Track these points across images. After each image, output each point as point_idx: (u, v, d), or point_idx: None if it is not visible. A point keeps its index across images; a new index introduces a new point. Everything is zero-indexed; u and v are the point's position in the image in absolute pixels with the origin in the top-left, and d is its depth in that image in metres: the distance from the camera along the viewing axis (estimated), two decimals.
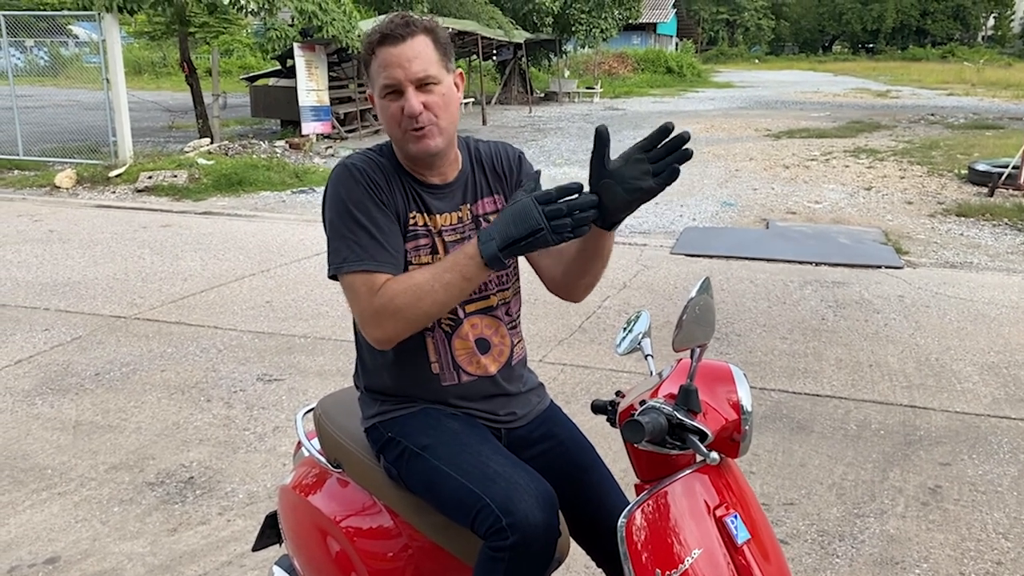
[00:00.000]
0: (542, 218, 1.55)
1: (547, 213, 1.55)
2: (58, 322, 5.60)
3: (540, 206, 1.56)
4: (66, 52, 21.86)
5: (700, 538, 1.55)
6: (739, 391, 1.64)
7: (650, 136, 1.65)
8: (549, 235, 1.56)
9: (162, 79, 33.35)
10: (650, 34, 49.38)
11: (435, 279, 1.69)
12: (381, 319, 1.73)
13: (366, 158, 1.87)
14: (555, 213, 1.55)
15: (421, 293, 1.70)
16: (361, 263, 1.76)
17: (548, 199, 1.56)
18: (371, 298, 1.74)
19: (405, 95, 1.78)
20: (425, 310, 1.72)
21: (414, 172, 1.90)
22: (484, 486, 1.70)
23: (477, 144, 2.03)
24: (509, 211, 1.60)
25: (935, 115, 21.60)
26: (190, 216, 9.42)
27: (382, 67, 1.78)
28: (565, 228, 1.55)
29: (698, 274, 6.80)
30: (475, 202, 1.95)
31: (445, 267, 1.70)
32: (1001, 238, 8.38)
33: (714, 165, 13.25)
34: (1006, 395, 4.50)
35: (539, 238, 1.57)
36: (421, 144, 1.81)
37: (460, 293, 1.72)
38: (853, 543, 3.14)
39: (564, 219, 1.55)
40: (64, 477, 3.59)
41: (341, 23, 14.53)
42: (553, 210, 1.55)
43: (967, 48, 66.06)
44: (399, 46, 1.77)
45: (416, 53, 1.77)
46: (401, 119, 1.79)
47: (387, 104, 1.80)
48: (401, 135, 1.82)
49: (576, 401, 4.30)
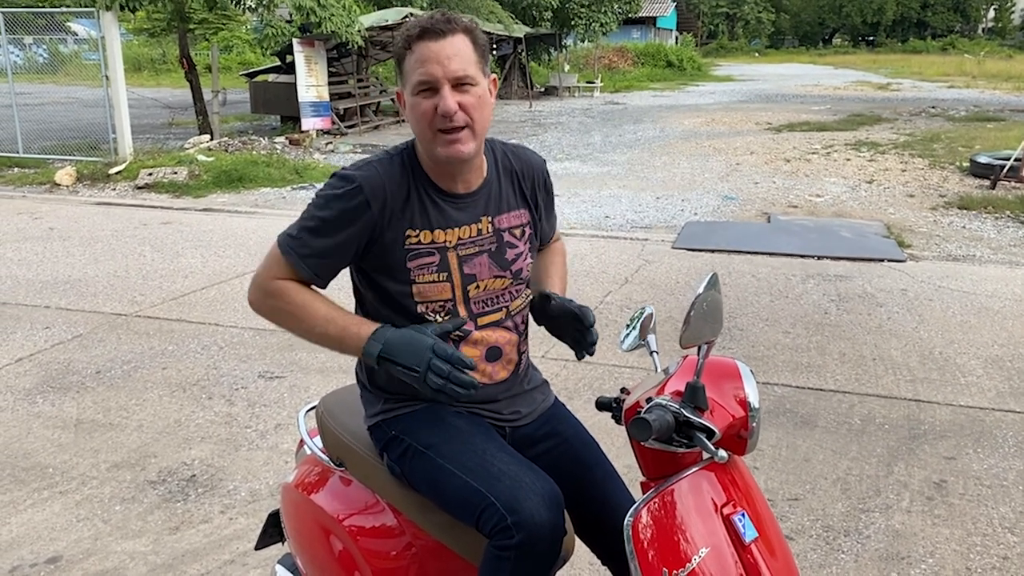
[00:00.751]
0: (425, 365, 1.67)
1: (431, 365, 1.67)
2: (59, 320, 5.58)
3: (433, 355, 1.67)
4: (65, 49, 21.83)
5: (707, 536, 1.54)
6: (746, 388, 1.62)
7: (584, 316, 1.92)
8: (420, 382, 1.68)
9: (162, 76, 33.29)
10: (650, 28, 49.32)
11: (320, 324, 1.80)
12: (260, 295, 1.85)
13: (374, 172, 1.79)
14: (437, 370, 1.67)
15: (302, 320, 1.81)
16: (291, 249, 1.80)
17: (444, 355, 1.68)
18: (271, 278, 1.83)
19: (441, 93, 1.72)
20: (292, 328, 1.85)
21: (436, 179, 1.83)
22: (489, 484, 1.68)
23: (504, 150, 1.97)
24: (410, 336, 1.72)
25: (936, 108, 21.55)
26: (190, 213, 9.40)
27: (419, 62, 1.72)
28: (437, 386, 1.67)
29: (700, 269, 6.79)
30: (498, 215, 1.89)
31: (337, 322, 1.79)
32: (1003, 231, 8.36)
33: (715, 159, 13.23)
34: (1010, 388, 4.48)
35: (412, 376, 1.69)
36: (452, 149, 1.75)
37: (328, 347, 1.84)
38: (858, 538, 3.13)
39: (439, 380, 1.67)
40: (65, 476, 3.57)
41: (340, 18, 14.49)
42: (437, 367, 1.67)
43: (967, 40, 65.93)
44: (439, 42, 1.71)
45: (456, 51, 1.72)
46: (433, 118, 1.73)
47: (420, 101, 1.74)
48: (432, 136, 1.75)
49: (579, 397, 4.28)
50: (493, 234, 1.88)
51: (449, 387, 1.66)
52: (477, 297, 1.87)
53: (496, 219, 1.89)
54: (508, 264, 1.89)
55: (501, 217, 1.90)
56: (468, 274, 1.85)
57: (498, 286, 1.89)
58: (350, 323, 1.78)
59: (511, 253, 1.90)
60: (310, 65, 16.03)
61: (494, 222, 1.88)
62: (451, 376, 1.66)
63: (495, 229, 1.88)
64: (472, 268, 1.85)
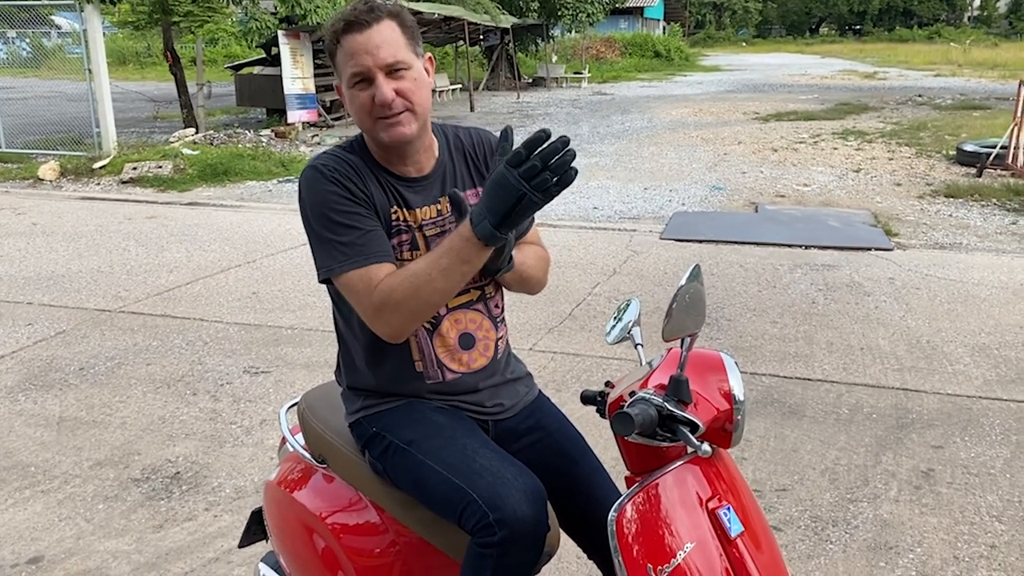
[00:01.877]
0: (520, 182, 1.46)
1: (523, 174, 1.45)
2: (41, 316, 5.52)
3: (514, 170, 1.46)
4: (48, 43, 21.64)
5: (692, 531, 1.52)
6: (731, 380, 1.60)
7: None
8: (533, 196, 1.46)
9: (147, 69, 33.04)
10: (637, 18, 49.22)
11: (432, 266, 1.63)
12: (383, 314, 1.68)
13: (335, 157, 1.81)
14: (530, 172, 1.45)
15: (419, 283, 1.64)
16: (351, 261, 1.71)
17: (519, 160, 1.45)
18: (369, 295, 1.69)
19: (375, 83, 1.72)
20: (426, 299, 1.66)
21: (389, 166, 1.84)
22: (471, 481, 1.66)
23: (456, 131, 1.97)
24: (490, 185, 1.52)
25: (922, 96, 21.60)
26: (175, 207, 9.33)
27: (349, 56, 1.72)
28: (546, 183, 1.45)
29: (688, 259, 6.77)
30: None
31: (441, 252, 1.63)
32: (990, 218, 8.38)
33: (703, 149, 13.21)
34: (997, 376, 4.49)
35: (527, 203, 1.48)
36: (394, 131, 1.75)
37: (461, 278, 1.65)
38: (846, 528, 3.12)
39: (543, 175, 1.44)
40: (47, 474, 3.53)
41: (325, 10, 14.40)
42: (527, 169, 1.45)
43: (953, 29, 66.23)
44: (365, 32, 1.70)
45: (383, 39, 1.71)
46: (372, 108, 1.73)
47: (356, 94, 1.74)
48: (372, 124, 1.75)
49: (567, 389, 4.27)
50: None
51: (555, 163, 1.44)
52: None
53: None
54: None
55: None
56: None
57: None
58: (451, 240, 1.61)
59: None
60: (296, 57, 15.92)
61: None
62: (544, 160, 1.44)
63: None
64: None
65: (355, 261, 1.70)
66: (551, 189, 1.46)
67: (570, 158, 1.45)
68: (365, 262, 1.70)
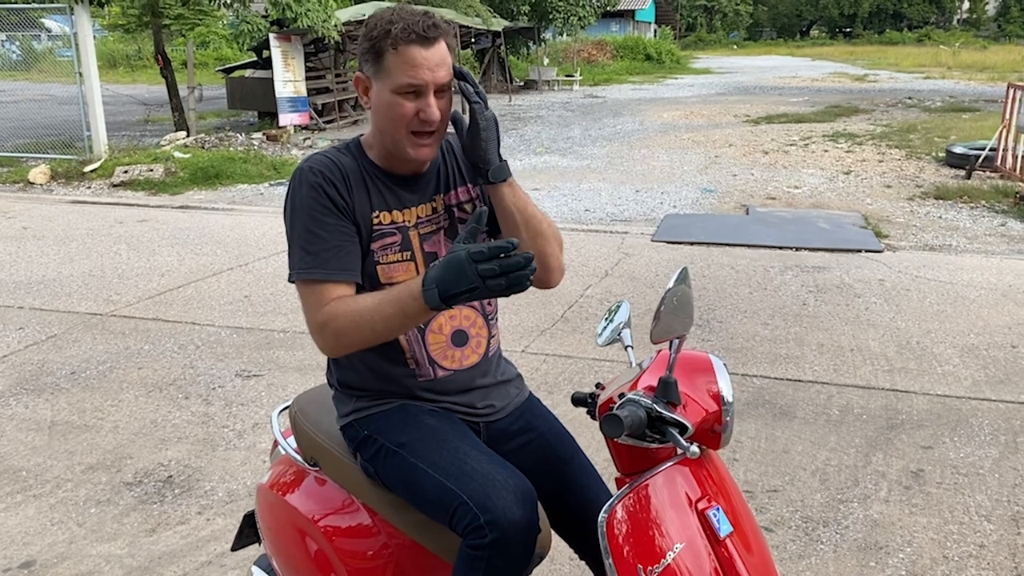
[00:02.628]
0: (476, 277, 1.50)
1: (481, 272, 1.50)
2: (32, 320, 5.51)
3: (474, 264, 1.51)
4: (38, 46, 21.56)
5: (682, 532, 1.53)
6: (719, 382, 1.62)
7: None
8: (484, 292, 1.52)
9: (137, 72, 32.95)
10: (628, 21, 49.32)
11: (376, 311, 1.67)
12: (324, 333, 1.74)
13: (327, 160, 1.82)
14: (488, 272, 1.49)
15: (361, 321, 1.69)
16: (310, 271, 1.75)
17: (481, 257, 1.50)
18: (317, 310, 1.74)
19: (426, 99, 1.74)
20: (365, 336, 1.71)
21: (385, 167, 1.86)
22: (462, 483, 1.67)
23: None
24: (447, 261, 1.56)
25: (912, 98, 21.71)
26: (167, 210, 9.32)
27: (409, 65, 1.71)
28: (499, 287, 1.50)
29: (679, 261, 6.80)
30: (447, 192, 1.93)
31: (389, 299, 1.66)
32: (979, 220, 8.43)
33: (694, 152, 13.25)
34: (986, 377, 4.52)
35: (477, 293, 1.53)
36: (421, 151, 1.79)
37: (400, 328, 1.70)
38: (837, 529, 3.14)
39: (498, 279, 1.50)
40: (39, 479, 3.53)
41: (316, 13, 14.38)
42: (487, 269, 1.49)
43: (943, 31, 66.51)
44: (429, 49, 1.72)
45: (442, 58, 1.74)
46: (411, 120, 1.75)
47: (401, 102, 1.74)
48: (405, 135, 1.77)
49: (559, 391, 4.28)
50: (445, 211, 1.91)
51: (513, 275, 1.49)
52: None
53: (446, 196, 1.92)
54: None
55: (451, 194, 1.93)
56: (429, 252, 1.87)
57: None
58: (399, 292, 1.65)
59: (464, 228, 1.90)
60: (287, 60, 15.91)
61: (445, 199, 1.92)
62: (502, 267, 1.49)
63: (447, 206, 1.92)
64: (432, 246, 1.88)
65: (313, 272, 1.74)
66: (501, 292, 1.52)
67: (528, 274, 1.51)
68: (324, 276, 1.74)
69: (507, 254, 1.50)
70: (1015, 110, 10.27)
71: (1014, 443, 3.79)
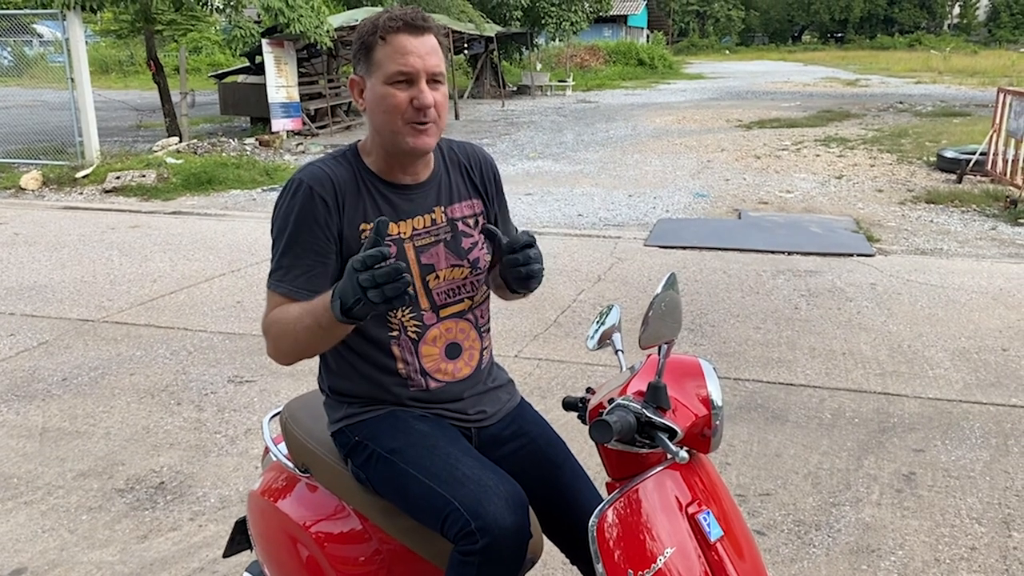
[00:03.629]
0: (357, 288, 1.50)
1: (360, 282, 1.49)
2: (24, 327, 5.49)
3: (355, 273, 1.50)
4: (30, 51, 21.49)
5: (673, 536, 1.54)
6: (708, 386, 1.62)
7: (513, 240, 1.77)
8: (370, 305, 1.50)
9: (130, 78, 32.87)
10: (621, 26, 49.45)
11: (298, 321, 1.69)
12: (266, 339, 1.79)
13: (322, 173, 1.80)
14: (367, 283, 1.48)
15: (286, 330, 1.72)
16: (277, 284, 1.78)
17: (359, 266, 1.49)
18: (265, 317, 1.78)
19: (419, 86, 1.74)
20: (291, 347, 1.73)
21: (384, 175, 1.85)
22: (453, 489, 1.67)
23: (449, 144, 1.99)
24: (344, 274, 1.56)
25: (903, 103, 21.79)
26: (159, 216, 9.30)
27: (398, 53, 1.73)
28: (381, 297, 1.48)
29: (672, 266, 6.81)
30: (450, 205, 1.91)
31: (308, 311, 1.67)
32: (970, 224, 8.46)
33: (686, 156, 13.29)
34: (977, 380, 4.53)
35: (365, 306, 1.51)
36: (420, 139, 1.78)
37: (320, 340, 1.70)
38: (829, 532, 3.15)
39: (376, 289, 1.48)
40: (31, 486, 3.51)
41: (309, 19, 14.37)
42: (364, 279, 1.49)
43: (934, 36, 66.77)
44: (419, 37, 1.74)
45: (433, 48, 1.77)
46: (405, 109, 1.74)
47: (393, 92, 1.74)
48: (401, 125, 1.76)
49: (552, 396, 4.28)
50: (447, 223, 1.90)
51: (386, 289, 1.47)
52: (438, 288, 1.87)
53: (449, 209, 1.91)
54: (464, 253, 1.90)
55: (453, 207, 1.92)
56: (426, 264, 1.86)
57: (457, 276, 1.89)
58: (316, 303, 1.65)
59: (467, 242, 1.92)
60: (280, 66, 15.91)
61: (447, 212, 1.91)
62: (376, 278, 1.47)
63: (448, 219, 1.91)
64: (430, 258, 1.86)
65: (279, 286, 1.78)
66: (383, 305, 1.50)
67: (402, 286, 1.49)
68: (286, 292, 1.76)
69: (379, 264, 1.49)
70: (1005, 115, 10.32)
71: (1005, 446, 3.80)
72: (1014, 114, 10.05)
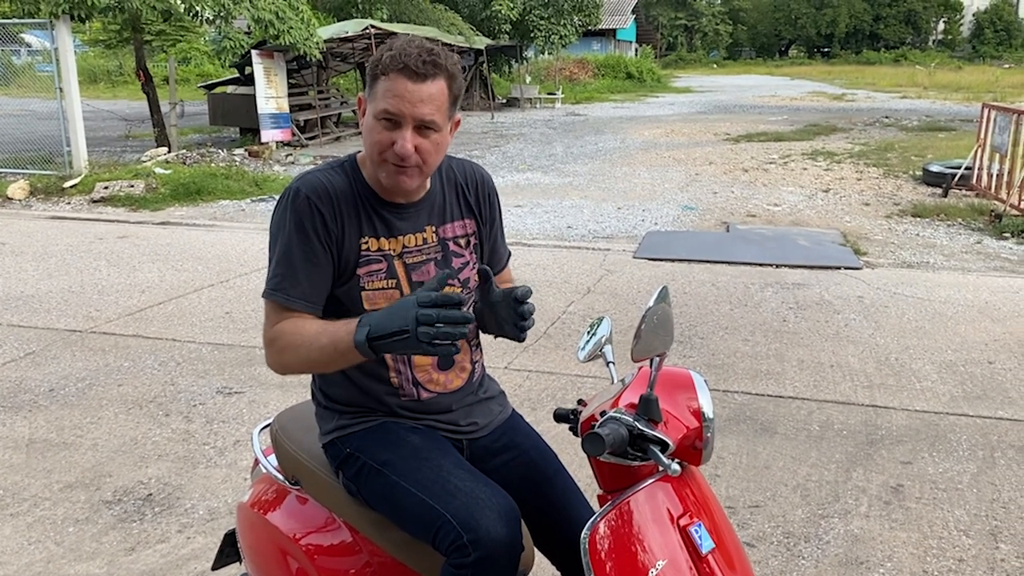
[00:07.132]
0: (413, 320, 1.51)
1: (419, 317, 1.51)
2: (10, 337, 5.46)
3: (418, 307, 1.52)
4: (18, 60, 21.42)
5: (664, 548, 1.54)
6: (700, 398, 1.63)
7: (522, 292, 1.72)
8: (413, 339, 1.52)
9: (119, 88, 32.79)
10: (610, 40, 49.68)
11: (314, 340, 1.70)
12: (270, 350, 1.79)
13: (319, 183, 1.80)
14: (426, 319, 1.50)
15: (299, 344, 1.73)
16: (274, 293, 1.78)
17: (427, 302, 1.52)
18: (269, 327, 1.78)
19: (403, 132, 1.71)
20: (301, 363, 1.75)
21: (378, 191, 1.85)
22: (445, 502, 1.67)
23: (449, 163, 1.98)
24: (396, 303, 1.59)
25: (889, 118, 21.98)
26: (147, 227, 9.26)
27: (390, 93, 1.70)
28: (429, 336, 1.50)
29: (661, 278, 6.83)
30: (442, 224, 1.91)
31: (328, 330, 1.69)
32: (956, 238, 8.54)
33: (675, 169, 13.35)
34: (964, 392, 4.56)
35: (403, 340, 1.53)
36: (398, 179, 1.77)
37: (331, 361, 1.71)
38: (818, 544, 3.16)
39: (430, 327, 1.50)
40: (16, 497, 3.48)
41: (299, 31, 14.39)
42: (425, 315, 1.50)
43: (919, 52, 67.48)
44: (416, 84, 1.69)
45: (429, 96, 1.71)
46: (386, 149, 1.73)
47: (379, 128, 1.73)
48: (380, 162, 1.76)
49: (542, 408, 4.28)
50: (438, 243, 1.90)
51: (443, 329, 1.50)
52: None
53: (440, 229, 1.91)
54: (455, 273, 1.90)
55: (445, 227, 1.92)
56: (417, 281, 1.86)
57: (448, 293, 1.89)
58: (338, 326, 1.67)
59: (457, 262, 1.92)
60: (269, 77, 15.91)
61: (439, 232, 1.91)
62: (440, 317, 1.50)
63: (440, 239, 1.91)
64: (421, 276, 1.86)
65: (275, 295, 1.78)
66: (425, 346, 1.52)
67: (458, 335, 1.52)
68: (284, 301, 1.77)
69: (452, 306, 1.52)
70: (990, 130, 10.43)
71: (991, 458, 3.83)
72: (998, 129, 10.16)
